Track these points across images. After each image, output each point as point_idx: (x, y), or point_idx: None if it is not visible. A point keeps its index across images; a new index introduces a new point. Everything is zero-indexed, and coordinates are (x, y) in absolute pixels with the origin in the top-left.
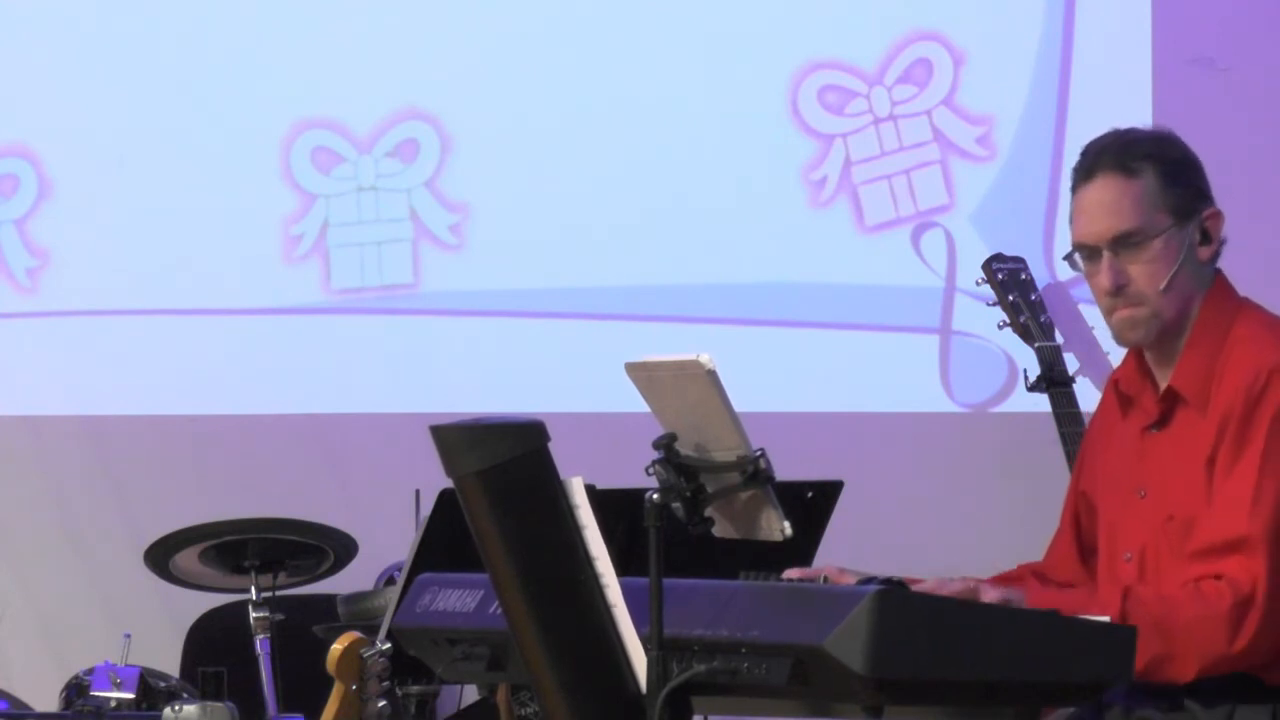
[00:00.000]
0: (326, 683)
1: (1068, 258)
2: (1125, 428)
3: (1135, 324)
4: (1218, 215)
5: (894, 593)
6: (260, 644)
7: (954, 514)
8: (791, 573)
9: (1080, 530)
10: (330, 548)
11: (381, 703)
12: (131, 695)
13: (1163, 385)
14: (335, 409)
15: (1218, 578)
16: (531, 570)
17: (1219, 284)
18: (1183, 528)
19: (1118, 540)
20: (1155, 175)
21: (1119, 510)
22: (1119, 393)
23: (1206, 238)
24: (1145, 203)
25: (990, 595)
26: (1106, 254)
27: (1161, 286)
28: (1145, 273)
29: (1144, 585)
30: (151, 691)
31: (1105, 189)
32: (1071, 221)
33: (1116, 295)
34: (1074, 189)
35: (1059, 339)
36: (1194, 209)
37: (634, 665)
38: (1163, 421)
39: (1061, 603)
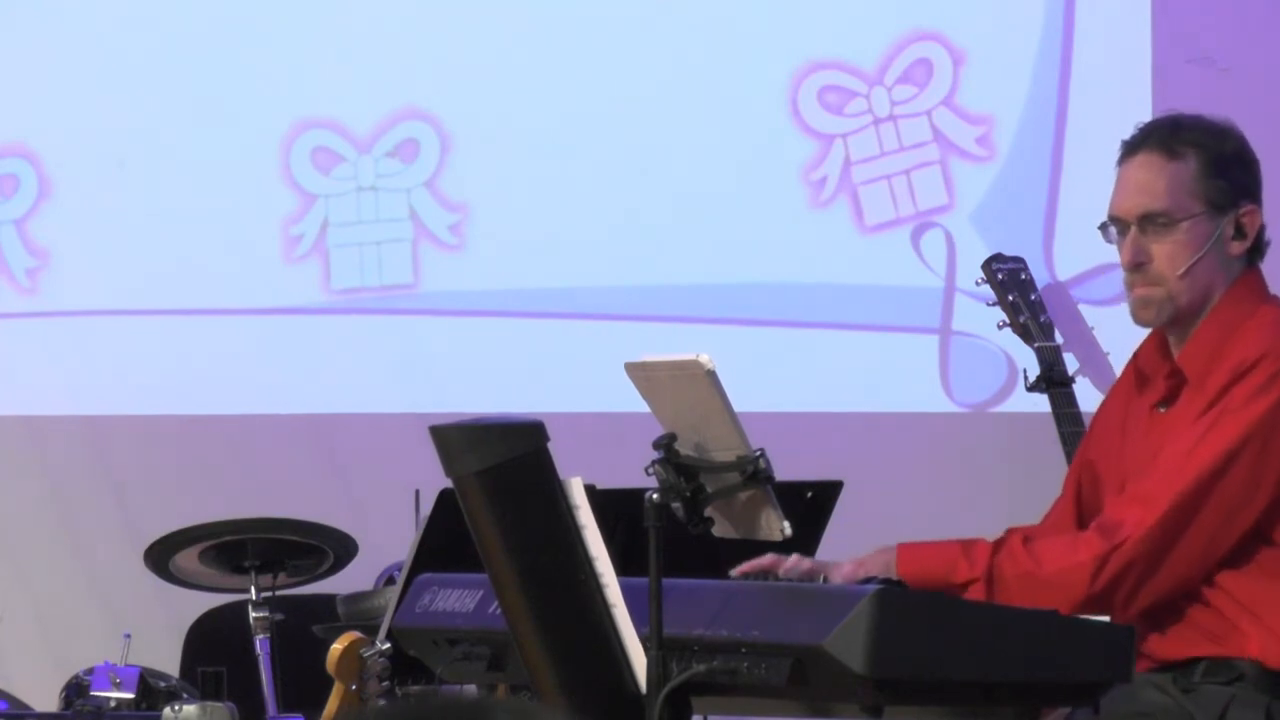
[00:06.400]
0: (326, 683)
1: (1102, 227)
2: (1139, 404)
3: (1148, 304)
4: (1255, 213)
5: (894, 592)
6: (260, 644)
7: (953, 514)
8: (790, 563)
9: (1081, 498)
10: (330, 548)
11: (381, 703)
12: (131, 695)
13: None
14: (335, 409)
15: (1112, 525)
16: (531, 570)
17: (1248, 277)
18: None
19: None
20: (1198, 162)
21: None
22: (1137, 369)
23: (1241, 233)
24: (1180, 187)
25: (865, 568)
26: (1133, 230)
27: (1180, 271)
28: (1166, 254)
29: (1018, 536)
30: (151, 691)
31: (1145, 167)
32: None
33: (1135, 272)
34: (1119, 161)
35: (1059, 339)
36: (1231, 202)
37: (633, 665)
38: (1169, 400)
39: (935, 555)
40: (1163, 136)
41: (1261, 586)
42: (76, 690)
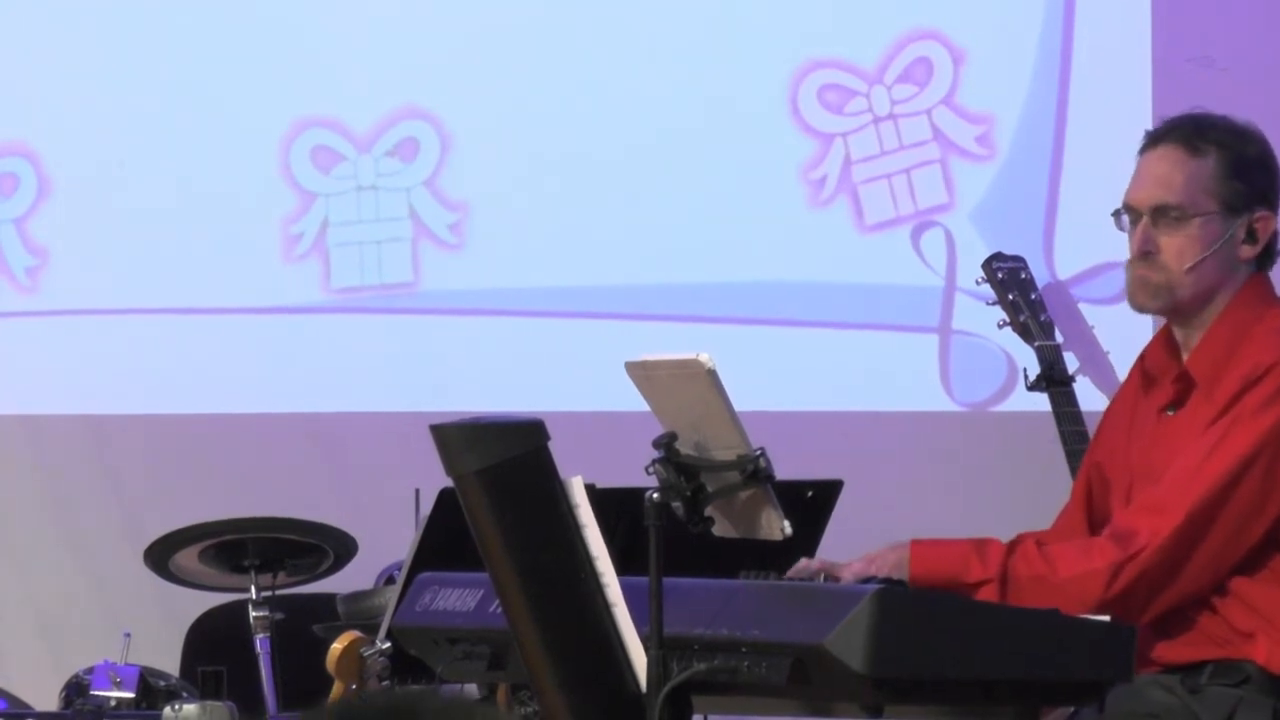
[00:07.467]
0: (326, 682)
1: (1115, 214)
2: (1146, 406)
3: (1146, 285)
4: (1270, 219)
5: (894, 592)
6: (260, 643)
7: (953, 513)
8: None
9: (1091, 501)
10: (330, 547)
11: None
12: (131, 694)
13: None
14: (335, 408)
15: (1126, 533)
16: (531, 569)
17: (1256, 281)
18: None
19: None
20: (1218, 162)
21: (1135, 491)
22: (1144, 370)
23: (1253, 237)
24: (1197, 184)
25: (877, 565)
26: (1145, 220)
27: (1186, 266)
28: (1175, 248)
29: (1031, 539)
30: (151, 691)
31: (1164, 159)
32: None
33: (1142, 260)
34: (1140, 151)
35: (1059, 338)
36: (1246, 206)
37: (634, 664)
38: (1178, 404)
39: (948, 554)
40: (1186, 132)
41: (1271, 593)
42: (76, 689)
